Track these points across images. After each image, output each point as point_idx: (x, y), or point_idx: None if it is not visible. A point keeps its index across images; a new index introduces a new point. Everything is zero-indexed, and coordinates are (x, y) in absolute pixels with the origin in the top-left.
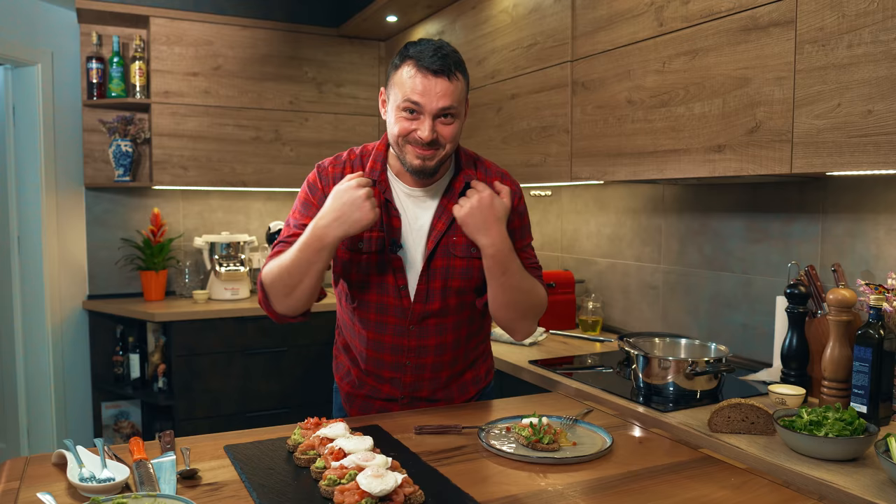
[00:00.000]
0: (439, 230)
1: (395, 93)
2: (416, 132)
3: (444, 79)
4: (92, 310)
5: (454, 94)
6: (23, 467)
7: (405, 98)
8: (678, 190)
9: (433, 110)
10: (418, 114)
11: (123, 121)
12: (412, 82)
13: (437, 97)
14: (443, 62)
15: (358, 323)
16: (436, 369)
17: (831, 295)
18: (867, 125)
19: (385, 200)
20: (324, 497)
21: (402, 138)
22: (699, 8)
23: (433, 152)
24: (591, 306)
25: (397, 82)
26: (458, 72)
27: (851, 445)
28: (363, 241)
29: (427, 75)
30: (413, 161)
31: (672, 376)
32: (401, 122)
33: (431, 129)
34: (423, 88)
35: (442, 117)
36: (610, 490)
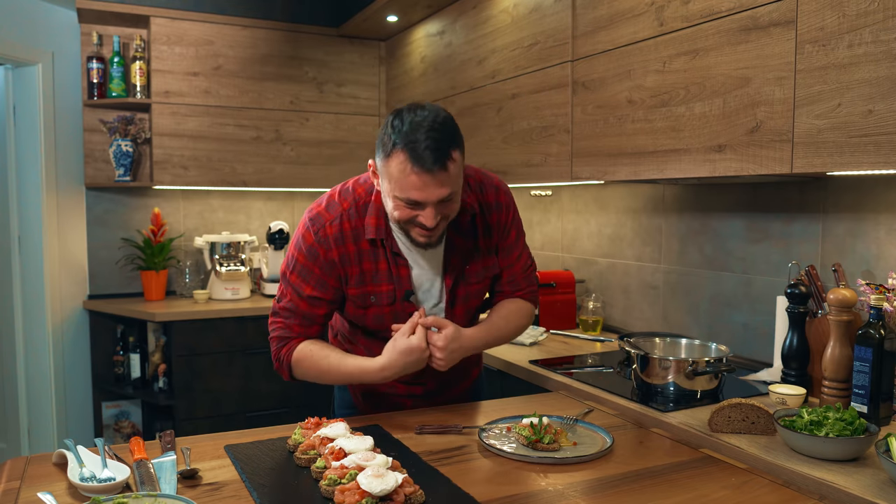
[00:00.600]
0: (455, 265)
1: (390, 183)
2: (418, 219)
3: (441, 171)
4: (92, 310)
5: (452, 179)
6: (23, 467)
7: (404, 196)
8: (678, 190)
9: (434, 202)
10: (419, 206)
11: (124, 121)
12: (408, 181)
13: (437, 190)
14: (437, 155)
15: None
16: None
17: (832, 295)
18: (868, 125)
19: (394, 253)
20: (324, 497)
21: (403, 221)
22: (699, 8)
23: (437, 230)
24: (592, 306)
25: (392, 173)
26: (454, 151)
27: (852, 445)
28: (374, 296)
29: (423, 173)
30: (418, 239)
31: (672, 376)
32: (401, 209)
33: (435, 217)
34: (421, 185)
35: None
36: (610, 490)
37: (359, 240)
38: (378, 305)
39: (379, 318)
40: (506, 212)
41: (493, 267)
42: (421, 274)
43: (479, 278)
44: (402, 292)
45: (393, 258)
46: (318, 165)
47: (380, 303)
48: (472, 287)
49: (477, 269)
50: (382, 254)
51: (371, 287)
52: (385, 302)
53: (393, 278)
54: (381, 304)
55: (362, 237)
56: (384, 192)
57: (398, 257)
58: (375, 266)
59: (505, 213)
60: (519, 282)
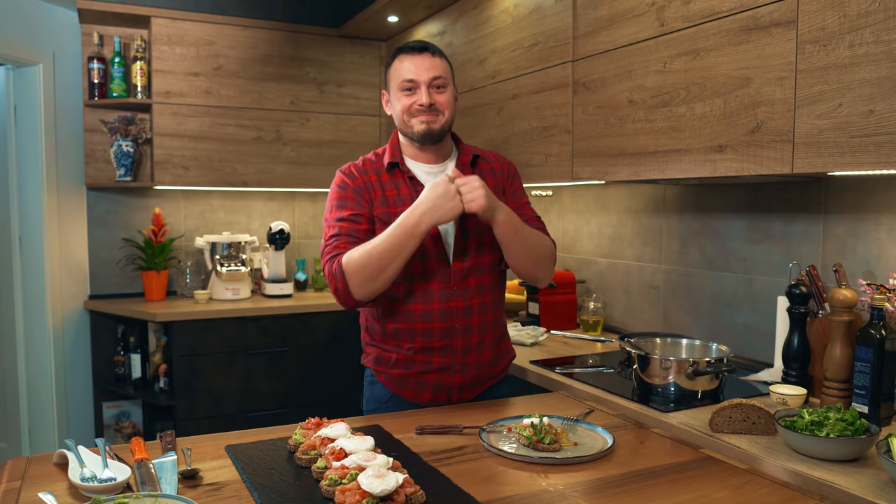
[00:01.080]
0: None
1: (393, 83)
2: (416, 101)
3: (428, 54)
4: (93, 310)
5: (440, 66)
6: (24, 467)
7: (401, 79)
8: (679, 190)
9: (426, 80)
10: (415, 89)
11: (125, 121)
12: (403, 65)
13: (426, 70)
14: (423, 44)
15: (403, 300)
16: (482, 330)
17: (833, 295)
18: (868, 125)
19: (410, 178)
20: (325, 497)
21: (406, 113)
22: (700, 8)
23: (434, 116)
24: (593, 306)
25: (392, 75)
26: (439, 53)
27: (853, 446)
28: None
29: (413, 55)
30: (419, 127)
31: (673, 376)
32: (402, 99)
33: (429, 95)
34: (412, 66)
35: (434, 88)
36: (611, 490)
37: (379, 173)
38: None
39: None
40: (508, 166)
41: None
42: None
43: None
44: None
45: (410, 182)
46: (319, 166)
47: None
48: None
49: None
50: (401, 180)
51: (394, 208)
52: None
53: (413, 199)
54: None
55: (382, 171)
56: (393, 102)
57: (413, 180)
58: (397, 190)
59: (507, 166)
60: (533, 224)
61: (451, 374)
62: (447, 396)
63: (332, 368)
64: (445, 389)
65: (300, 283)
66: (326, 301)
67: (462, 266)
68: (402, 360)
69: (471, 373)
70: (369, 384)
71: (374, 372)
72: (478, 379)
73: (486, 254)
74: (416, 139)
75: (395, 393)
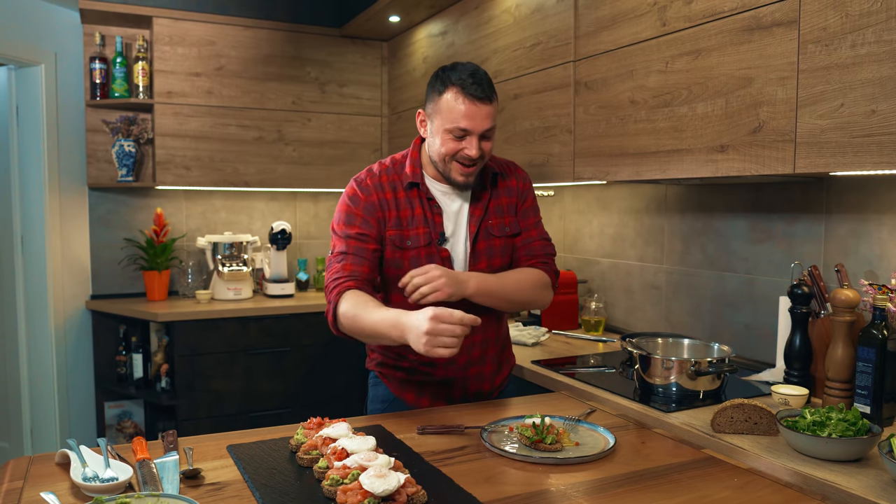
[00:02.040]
0: (478, 216)
1: (441, 118)
2: (463, 150)
3: (487, 104)
4: (95, 310)
5: (494, 115)
6: (26, 467)
7: (455, 125)
8: (681, 190)
9: (480, 132)
10: (465, 136)
11: (126, 121)
12: (460, 109)
13: (482, 120)
14: (483, 90)
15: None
16: (484, 346)
17: (835, 295)
18: (871, 125)
19: (428, 198)
20: (326, 497)
21: (450, 157)
22: (702, 8)
23: (474, 168)
24: (594, 306)
25: (442, 109)
26: (494, 94)
27: (855, 446)
28: (410, 239)
29: (474, 102)
30: (458, 178)
31: (675, 376)
32: (448, 143)
33: (478, 147)
34: (470, 115)
35: (484, 138)
36: (612, 490)
37: (396, 189)
38: (415, 247)
39: (416, 261)
40: (524, 182)
41: (513, 225)
42: (451, 220)
43: (500, 233)
44: (438, 235)
45: (427, 203)
46: (321, 166)
47: (416, 244)
48: (494, 242)
49: (497, 222)
50: (417, 200)
51: (408, 231)
52: (422, 243)
53: (428, 222)
54: (418, 246)
55: (399, 188)
56: (433, 132)
57: (432, 202)
58: (411, 212)
59: (523, 183)
60: (535, 248)
61: (452, 388)
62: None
63: (333, 368)
64: (446, 399)
65: (302, 283)
66: None
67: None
68: (405, 368)
69: (472, 385)
70: (373, 385)
71: (379, 374)
72: (479, 392)
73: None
74: (449, 183)
75: (398, 396)
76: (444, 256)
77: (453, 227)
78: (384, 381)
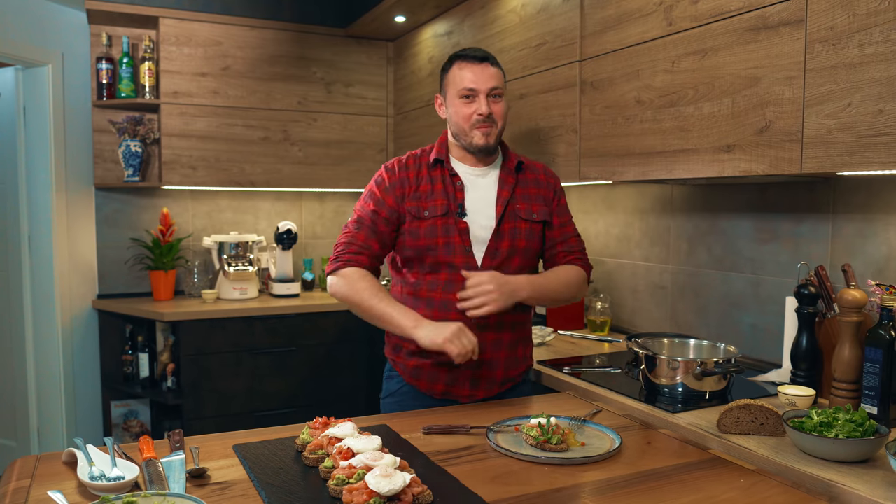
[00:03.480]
0: (504, 196)
1: (451, 89)
2: (476, 111)
3: (488, 64)
4: (101, 309)
5: (498, 76)
6: (33, 466)
7: (460, 89)
8: (687, 190)
9: (485, 90)
10: (474, 97)
11: (133, 121)
12: (463, 73)
13: (486, 79)
14: (483, 53)
15: (425, 287)
16: (498, 329)
17: (841, 295)
18: (878, 125)
19: (452, 175)
20: (332, 496)
21: (467, 122)
22: (708, 7)
23: (490, 128)
24: (600, 306)
25: (451, 81)
26: (496, 63)
27: (862, 447)
28: (428, 209)
29: (474, 64)
30: (479, 140)
31: (681, 377)
32: (461, 108)
33: (487, 105)
34: (473, 75)
35: (492, 97)
36: (618, 490)
37: (420, 169)
38: (432, 216)
39: (432, 229)
40: (555, 179)
41: (540, 213)
42: (476, 198)
43: (527, 216)
44: (456, 206)
45: (451, 179)
46: (326, 165)
47: (434, 213)
48: (520, 224)
49: (525, 207)
50: (439, 176)
51: (426, 203)
52: (439, 213)
53: (448, 195)
54: (435, 215)
55: (423, 168)
56: (448, 107)
57: (455, 178)
58: (432, 186)
59: (554, 180)
60: (573, 244)
61: (464, 369)
62: (459, 391)
63: (339, 368)
64: (458, 384)
65: (307, 283)
66: (334, 301)
67: (489, 263)
68: (418, 350)
69: (483, 371)
70: (387, 378)
71: (392, 363)
72: (491, 379)
73: (517, 256)
74: (472, 151)
75: (410, 384)
76: (462, 228)
77: (478, 204)
78: (397, 369)
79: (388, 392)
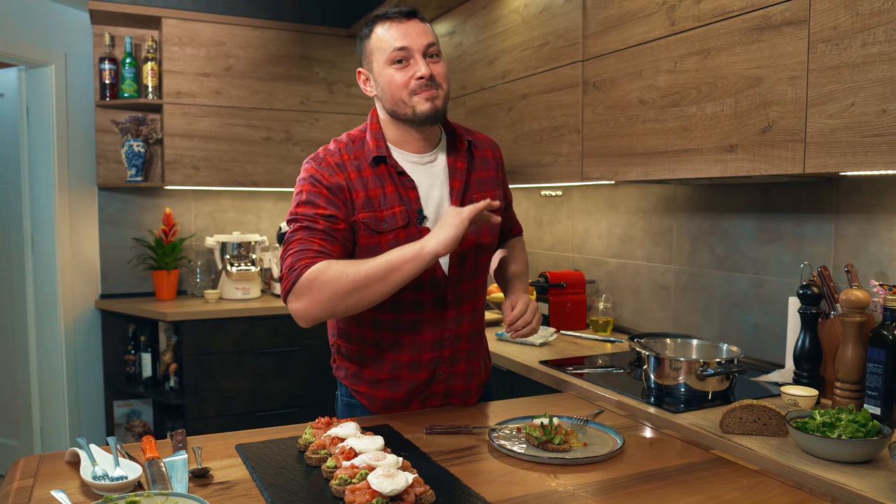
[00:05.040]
0: (458, 188)
1: (377, 56)
2: (414, 75)
3: (417, 20)
4: (104, 309)
5: (431, 32)
6: (36, 465)
7: (391, 49)
8: (689, 190)
9: (420, 48)
10: (407, 59)
11: (135, 121)
12: (391, 34)
13: (418, 35)
14: (410, 8)
15: (389, 311)
16: (473, 337)
17: (844, 296)
18: (881, 125)
19: (398, 172)
20: (335, 496)
21: (405, 90)
22: (711, 7)
23: (435, 91)
24: (602, 307)
25: (375, 46)
26: (422, 15)
27: (865, 447)
28: (385, 221)
29: (402, 21)
30: (423, 107)
31: (683, 377)
32: (396, 75)
33: (426, 65)
34: (403, 34)
35: (429, 57)
36: (621, 491)
37: (360, 167)
38: (393, 230)
39: (394, 243)
40: (498, 151)
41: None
42: (427, 193)
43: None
44: (415, 213)
45: (398, 178)
46: None
47: (394, 225)
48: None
49: (482, 197)
50: (387, 175)
51: (381, 212)
52: (399, 224)
53: (403, 199)
54: (396, 227)
55: (364, 165)
56: (377, 78)
57: (403, 176)
58: (382, 190)
59: (499, 152)
60: (514, 217)
61: (436, 384)
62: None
63: None
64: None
65: None
66: None
67: (458, 272)
68: (385, 380)
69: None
70: (347, 405)
71: (355, 392)
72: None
73: (484, 253)
74: (417, 122)
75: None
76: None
77: (432, 202)
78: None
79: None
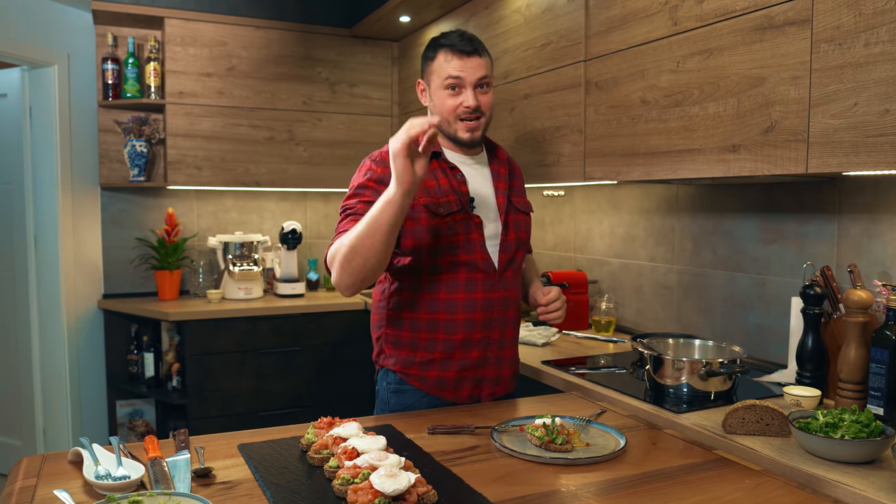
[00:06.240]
0: (503, 188)
1: (436, 77)
2: (462, 103)
3: (476, 56)
4: (107, 309)
5: (486, 66)
6: (39, 465)
7: (446, 77)
8: (692, 190)
9: (473, 81)
10: (460, 88)
11: (138, 121)
12: (452, 64)
13: (473, 70)
14: (472, 44)
15: (445, 290)
16: (515, 324)
17: (847, 296)
18: (884, 125)
19: (450, 167)
20: (337, 496)
21: (453, 114)
22: (714, 7)
23: (478, 122)
24: (605, 307)
25: (436, 69)
26: (485, 52)
27: (868, 448)
28: (442, 206)
29: (462, 56)
30: (464, 135)
31: (686, 377)
32: (447, 100)
33: (475, 97)
34: (460, 66)
35: (479, 87)
36: (623, 491)
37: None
38: (449, 213)
39: (451, 226)
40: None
41: (527, 206)
42: (475, 186)
43: (524, 209)
44: (468, 201)
45: (451, 172)
46: (331, 166)
47: (449, 209)
48: (519, 217)
49: (516, 199)
50: (440, 170)
51: (438, 199)
52: (455, 209)
53: (455, 190)
54: (452, 212)
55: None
56: (432, 95)
57: (454, 170)
58: (437, 182)
59: (520, 169)
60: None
61: (487, 368)
62: (481, 391)
63: (343, 368)
64: (482, 384)
65: (312, 283)
66: (338, 301)
67: (505, 258)
68: (437, 360)
69: (505, 369)
70: (395, 392)
71: (405, 376)
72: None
73: (522, 248)
74: (458, 144)
75: (434, 395)
76: (477, 223)
77: (482, 192)
78: (413, 383)
79: (401, 406)
